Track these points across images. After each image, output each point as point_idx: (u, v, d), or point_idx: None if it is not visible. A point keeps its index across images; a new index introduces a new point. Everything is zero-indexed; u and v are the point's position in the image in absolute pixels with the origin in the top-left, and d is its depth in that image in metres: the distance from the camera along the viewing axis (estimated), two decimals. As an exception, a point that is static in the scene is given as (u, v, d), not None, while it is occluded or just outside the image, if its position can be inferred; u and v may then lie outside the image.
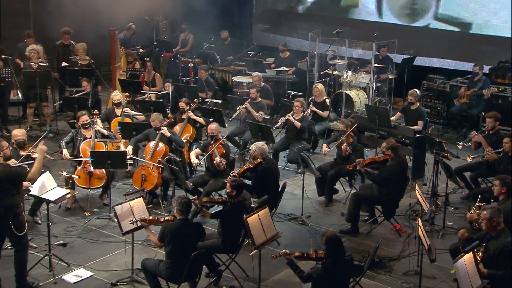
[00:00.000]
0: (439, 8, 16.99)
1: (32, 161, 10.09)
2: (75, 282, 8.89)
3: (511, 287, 7.70)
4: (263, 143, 10.80)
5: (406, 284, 8.99)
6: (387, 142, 10.45)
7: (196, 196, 9.72)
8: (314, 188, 11.75)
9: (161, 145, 11.37)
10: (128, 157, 11.23)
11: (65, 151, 11.22)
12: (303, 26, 19.14)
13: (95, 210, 11.08)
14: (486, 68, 15.39)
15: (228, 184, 9.01)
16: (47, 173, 9.39)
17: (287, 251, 7.71)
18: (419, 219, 8.55)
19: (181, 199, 8.15)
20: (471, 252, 7.28)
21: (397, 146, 10.45)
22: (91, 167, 10.87)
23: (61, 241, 9.87)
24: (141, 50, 17.28)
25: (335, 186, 11.75)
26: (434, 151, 11.02)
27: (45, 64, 14.90)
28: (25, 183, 9.24)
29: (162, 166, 10.83)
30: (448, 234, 10.35)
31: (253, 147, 10.54)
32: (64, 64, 15.73)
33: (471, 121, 14.93)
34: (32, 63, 14.64)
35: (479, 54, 16.13)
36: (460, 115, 15.22)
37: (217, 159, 10.78)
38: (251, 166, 10.34)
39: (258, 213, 8.50)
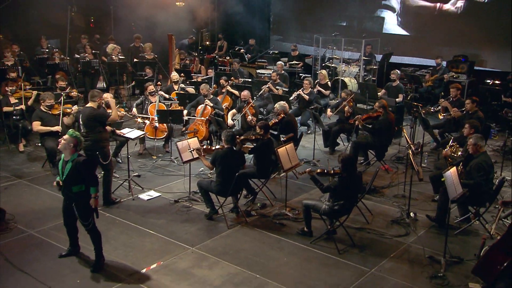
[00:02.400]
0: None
1: None
2: (147, 199, 8.55)
3: (479, 194, 7.24)
4: (284, 102, 10.25)
5: (396, 203, 8.53)
6: (379, 102, 9.97)
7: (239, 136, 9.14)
8: (321, 142, 11.18)
9: (208, 107, 10.84)
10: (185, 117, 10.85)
11: (134, 110, 10.82)
12: (307, 36, 18.57)
13: (160, 155, 10.66)
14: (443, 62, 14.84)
15: (257, 127, 8.53)
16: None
17: (310, 169, 7.15)
18: (410, 150, 8.01)
19: (227, 132, 7.66)
20: (455, 167, 6.70)
21: (387, 105, 9.89)
22: (156, 123, 10.40)
23: (137, 173, 9.47)
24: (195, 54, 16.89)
25: (337, 141, 11.16)
26: (414, 109, 10.44)
27: (123, 57, 14.59)
28: (118, 131, 8.98)
29: (210, 119, 10.38)
30: (423, 172, 9.66)
31: (277, 105, 10.03)
32: (135, 60, 15.26)
33: (434, 98, 14.27)
34: (114, 56, 14.36)
35: (438, 52, 15.43)
36: (426, 94, 14.59)
37: (249, 117, 10.34)
38: (276, 121, 9.81)
39: (286, 146, 8.01)
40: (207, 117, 10.68)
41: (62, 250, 6.69)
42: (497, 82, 13.77)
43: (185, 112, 10.95)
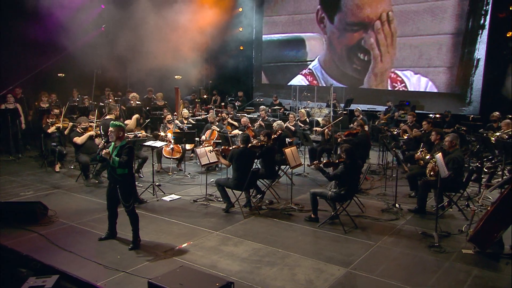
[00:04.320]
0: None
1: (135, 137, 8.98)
2: (169, 200, 7.65)
3: (454, 183, 6.67)
4: (281, 121, 9.67)
5: (380, 198, 7.84)
6: (357, 121, 9.45)
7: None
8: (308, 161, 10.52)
9: (215, 132, 10.17)
10: (197, 138, 10.15)
11: (163, 133, 10.03)
12: (283, 91, 18.31)
13: (174, 172, 9.77)
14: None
15: (261, 135, 7.89)
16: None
17: (317, 161, 6.47)
18: (394, 149, 7.44)
19: (243, 134, 6.98)
20: (440, 152, 6.15)
21: (364, 124, 9.39)
22: (172, 145, 9.66)
23: (158, 183, 8.55)
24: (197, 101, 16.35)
25: (321, 159, 10.51)
26: (383, 130, 9.97)
27: (139, 103, 13.89)
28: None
29: (220, 137, 9.69)
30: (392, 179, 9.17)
31: (275, 124, 9.45)
32: (148, 108, 14.58)
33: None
34: (132, 102, 13.65)
35: (386, 100, 15.27)
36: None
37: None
38: (275, 136, 9.13)
39: (291, 148, 7.36)
40: (214, 139, 9.99)
41: (101, 236, 5.77)
42: (438, 115, 13.57)
43: (203, 137, 10.31)
